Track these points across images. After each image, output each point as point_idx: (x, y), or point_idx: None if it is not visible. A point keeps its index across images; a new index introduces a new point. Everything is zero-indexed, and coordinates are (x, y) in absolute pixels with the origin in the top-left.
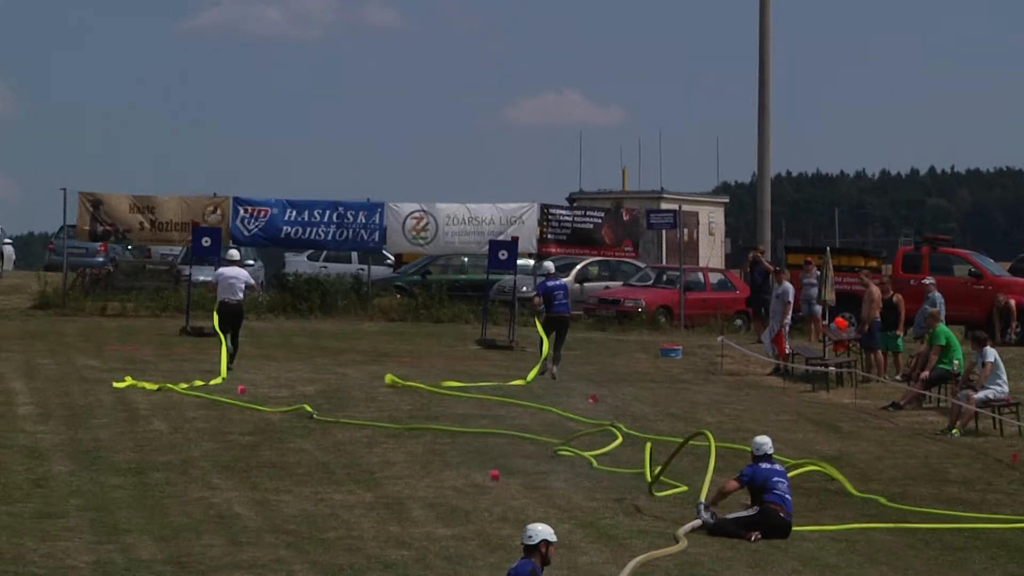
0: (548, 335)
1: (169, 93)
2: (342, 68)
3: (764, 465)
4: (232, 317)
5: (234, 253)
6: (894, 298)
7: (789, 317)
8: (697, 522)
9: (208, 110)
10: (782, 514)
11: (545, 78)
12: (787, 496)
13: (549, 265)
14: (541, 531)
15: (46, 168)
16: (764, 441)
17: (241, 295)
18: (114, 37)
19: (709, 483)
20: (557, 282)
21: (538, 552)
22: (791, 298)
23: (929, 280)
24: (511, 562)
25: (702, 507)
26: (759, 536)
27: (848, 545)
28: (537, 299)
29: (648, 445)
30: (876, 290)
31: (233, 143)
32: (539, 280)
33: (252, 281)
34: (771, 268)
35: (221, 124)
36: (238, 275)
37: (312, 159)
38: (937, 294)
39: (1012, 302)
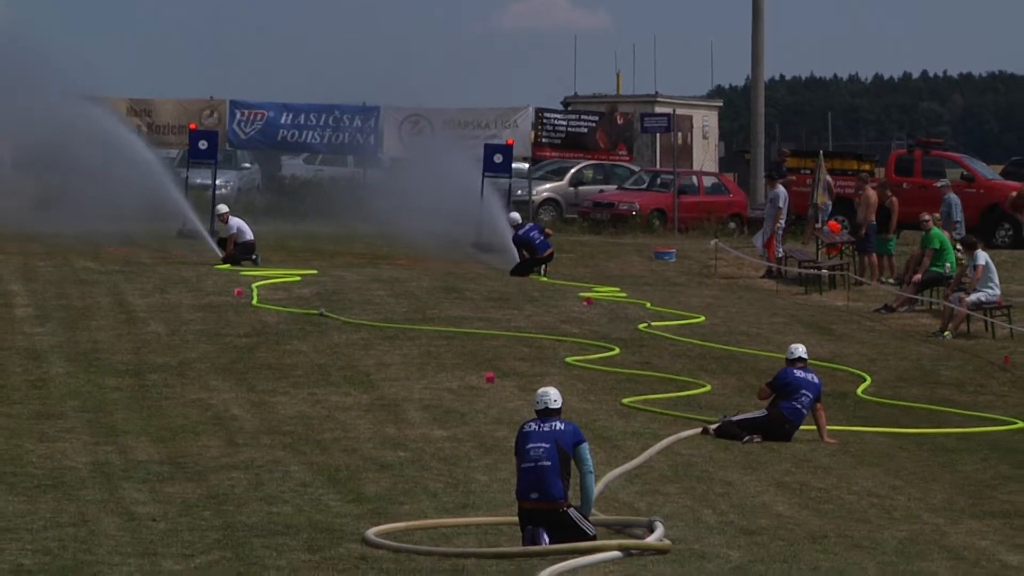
0: (536, 269)
1: None
2: None
3: (797, 371)
4: (254, 250)
5: (223, 207)
6: (887, 202)
7: (782, 221)
8: (699, 429)
9: (203, 11)
10: (787, 425)
11: None
12: (804, 411)
13: (515, 216)
14: (557, 394)
15: (42, 72)
16: (796, 347)
17: None
18: None
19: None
20: (528, 226)
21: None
22: (783, 203)
23: (943, 182)
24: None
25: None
26: (757, 439)
27: (841, 446)
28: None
29: None
30: (872, 193)
31: (229, 45)
32: (512, 234)
33: None
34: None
35: (217, 25)
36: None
37: (308, 62)
38: (953, 196)
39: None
